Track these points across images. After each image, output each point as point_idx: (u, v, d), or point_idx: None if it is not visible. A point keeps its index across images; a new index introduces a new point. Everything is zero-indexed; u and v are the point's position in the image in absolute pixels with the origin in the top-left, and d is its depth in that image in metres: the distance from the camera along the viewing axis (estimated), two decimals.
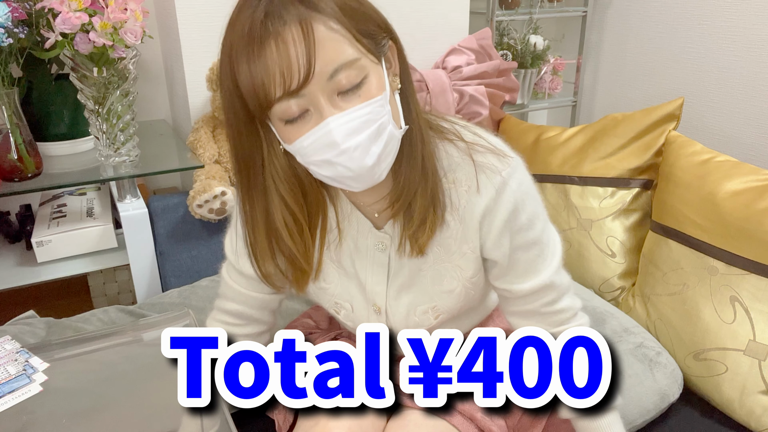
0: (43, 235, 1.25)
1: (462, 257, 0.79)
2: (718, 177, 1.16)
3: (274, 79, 0.61)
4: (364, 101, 0.64)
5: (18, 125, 1.14)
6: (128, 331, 1.03)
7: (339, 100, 0.64)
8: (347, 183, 0.68)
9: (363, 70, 0.64)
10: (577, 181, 1.42)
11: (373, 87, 0.65)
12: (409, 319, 0.83)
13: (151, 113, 1.63)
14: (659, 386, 1.08)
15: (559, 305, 0.81)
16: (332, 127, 0.63)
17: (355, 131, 0.64)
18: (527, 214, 0.76)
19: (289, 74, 0.61)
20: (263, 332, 0.92)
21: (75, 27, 1.04)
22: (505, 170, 0.74)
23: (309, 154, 0.66)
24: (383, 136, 0.66)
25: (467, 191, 0.74)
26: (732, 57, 1.56)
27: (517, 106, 1.86)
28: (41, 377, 0.79)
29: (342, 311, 0.86)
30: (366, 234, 0.80)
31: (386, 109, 0.66)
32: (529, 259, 0.78)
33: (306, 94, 0.62)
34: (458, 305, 0.83)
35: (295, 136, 0.65)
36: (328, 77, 0.62)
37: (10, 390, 0.74)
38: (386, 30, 0.68)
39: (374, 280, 0.82)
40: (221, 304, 0.90)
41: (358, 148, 0.64)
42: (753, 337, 1.06)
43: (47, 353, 0.85)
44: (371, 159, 0.65)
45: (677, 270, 1.19)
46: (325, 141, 0.64)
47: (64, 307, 1.53)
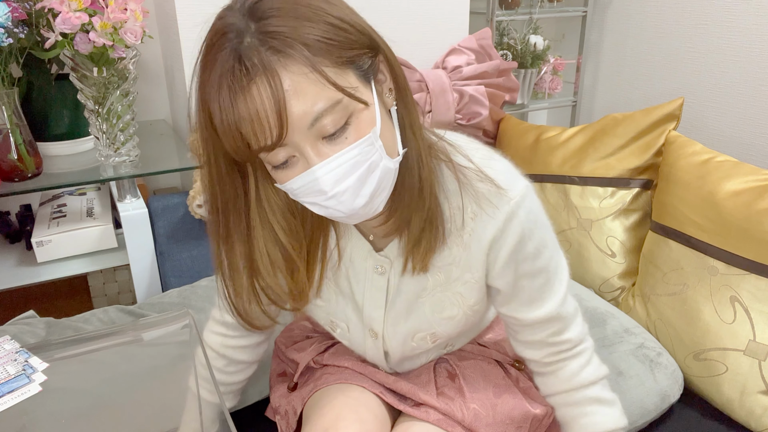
0: (43, 235, 1.25)
1: (464, 285, 0.76)
2: (718, 177, 1.16)
3: (249, 133, 0.57)
4: (352, 143, 0.60)
5: (18, 125, 1.14)
6: (128, 331, 1.03)
7: (324, 145, 0.59)
8: (341, 219, 0.65)
9: (346, 110, 0.59)
10: (577, 181, 1.42)
11: (361, 125, 0.60)
12: (406, 344, 0.81)
13: (151, 113, 1.63)
14: (660, 387, 1.08)
15: (566, 335, 0.79)
16: (318, 175, 0.60)
17: (343, 176, 0.60)
18: (534, 243, 0.73)
19: (262, 131, 0.57)
20: (261, 342, 0.90)
21: (75, 27, 1.04)
22: (514, 199, 0.70)
23: (299, 195, 0.63)
24: (375, 174, 0.62)
25: (473, 218, 0.71)
26: (732, 57, 1.56)
27: (517, 106, 1.86)
28: (41, 377, 0.79)
29: (337, 330, 0.84)
30: (365, 256, 0.77)
31: (377, 145, 0.61)
32: (534, 287, 0.76)
33: (288, 143, 0.59)
34: (457, 330, 0.81)
35: (284, 179, 0.62)
36: (309, 126, 0.57)
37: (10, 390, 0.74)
38: (371, 47, 0.62)
39: (372, 305, 0.79)
40: (218, 316, 0.87)
41: (346, 191, 0.61)
42: (753, 337, 1.06)
43: (47, 353, 0.84)
44: (362, 200, 0.62)
45: (677, 270, 1.19)
46: (313, 188, 0.61)
47: (64, 307, 1.53)
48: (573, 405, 0.81)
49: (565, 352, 0.80)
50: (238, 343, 0.88)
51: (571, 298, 0.80)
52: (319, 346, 0.93)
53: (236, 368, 0.90)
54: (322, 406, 0.82)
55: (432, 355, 0.88)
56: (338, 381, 0.85)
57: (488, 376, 0.86)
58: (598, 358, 0.82)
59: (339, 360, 0.88)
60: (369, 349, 0.84)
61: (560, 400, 0.83)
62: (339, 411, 0.79)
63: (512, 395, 0.84)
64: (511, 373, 0.89)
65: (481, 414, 0.80)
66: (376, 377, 0.86)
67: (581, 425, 0.81)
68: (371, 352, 0.85)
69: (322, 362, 0.90)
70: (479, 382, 0.85)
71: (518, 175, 0.73)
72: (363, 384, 0.84)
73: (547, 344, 0.79)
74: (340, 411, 0.79)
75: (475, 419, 0.80)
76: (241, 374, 0.91)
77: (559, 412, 0.84)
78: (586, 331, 0.82)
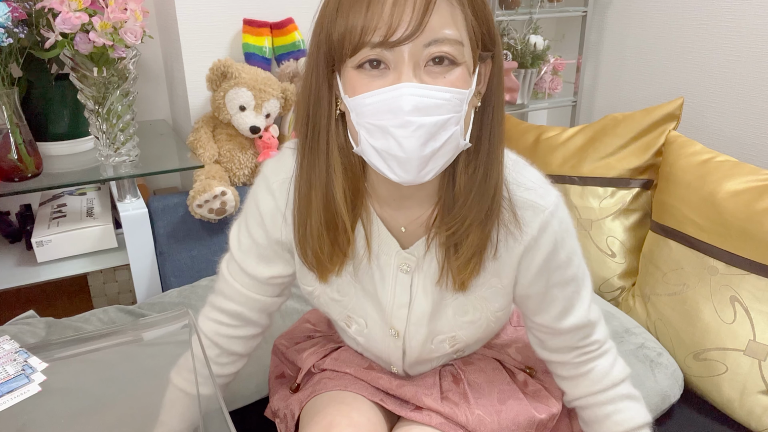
0: (43, 235, 1.25)
1: (489, 289, 0.76)
2: (718, 177, 1.16)
3: (379, 24, 0.57)
4: (448, 86, 0.60)
5: (18, 125, 1.14)
6: (128, 331, 1.03)
7: (423, 73, 0.60)
8: (391, 165, 0.62)
9: (461, 56, 0.60)
10: (577, 181, 1.42)
11: (461, 77, 0.61)
12: (425, 346, 0.81)
13: (151, 113, 1.63)
14: (660, 387, 1.08)
15: (593, 338, 0.80)
16: (404, 92, 0.58)
17: (424, 110, 0.59)
18: (566, 252, 0.74)
19: (398, 23, 0.57)
20: (257, 335, 0.88)
21: (75, 27, 1.04)
22: (548, 209, 0.71)
23: (367, 114, 0.61)
24: (448, 131, 0.61)
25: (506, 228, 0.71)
26: (732, 57, 1.56)
27: (517, 106, 1.86)
28: (40, 377, 0.78)
29: (354, 325, 0.83)
30: (391, 253, 0.76)
31: (463, 107, 0.61)
32: (566, 296, 0.76)
33: (397, 51, 0.58)
34: (477, 336, 0.81)
35: (363, 88, 0.61)
36: (426, 43, 0.58)
37: (9, 390, 0.74)
38: (494, 44, 0.65)
39: (396, 303, 0.78)
40: (218, 302, 0.85)
41: (421, 128, 0.59)
42: (753, 337, 1.06)
43: (46, 353, 0.84)
44: (428, 150, 0.60)
45: (677, 270, 1.19)
46: (390, 105, 0.59)
47: (64, 307, 1.53)
48: (606, 403, 0.81)
49: (593, 352, 0.81)
50: (235, 333, 0.85)
51: (594, 302, 0.81)
52: (320, 349, 0.92)
53: (228, 359, 0.87)
54: (315, 413, 0.81)
55: (443, 359, 0.87)
56: (337, 387, 0.84)
57: (493, 381, 0.85)
58: (621, 358, 0.83)
59: (340, 366, 0.87)
60: (387, 348, 0.83)
61: (593, 400, 0.82)
62: (332, 418, 0.78)
63: (517, 401, 0.83)
64: (518, 378, 0.88)
65: (486, 420, 0.79)
66: (379, 383, 0.84)
67: (615, 422, 0.81)
68: (389, 351, 0.83)
69: (322, 367, 0.89)
70: (483, 387, 0.84)
71: (549, 186, 0.73)
72: (362, 392, 0.83)
73: (576, 348, 0.80)
74: (333, 418, 0.78)
75: (479, 424, 0.79)
76: (232, 366, 0.88)
77: (590, 412, 0.83)
78: (608, 332, 0.83)
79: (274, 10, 1.43)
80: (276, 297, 0.84)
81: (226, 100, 1.34)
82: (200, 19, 1.36)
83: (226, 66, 1.32)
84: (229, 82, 1.33)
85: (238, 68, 1.33)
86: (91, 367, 0.89)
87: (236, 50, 1.43)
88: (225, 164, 1.40)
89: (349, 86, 0.62)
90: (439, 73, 0.60)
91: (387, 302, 0.78)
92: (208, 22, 1.37)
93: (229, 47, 1.43)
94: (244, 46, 1.40)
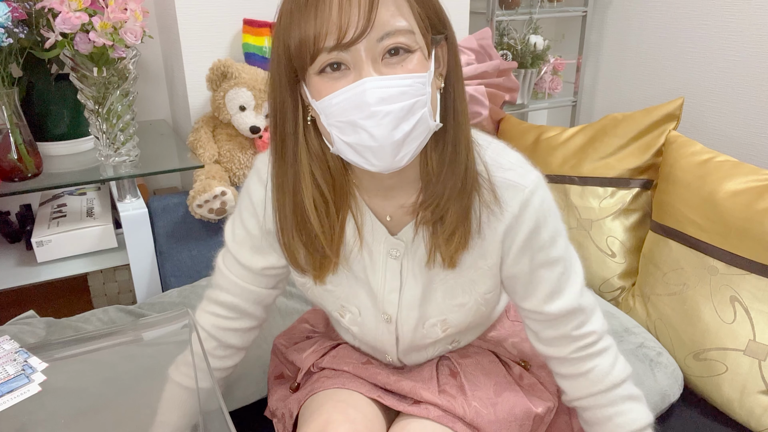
0: (43, 235, 1.25)
1: (476, 271, 0.77)
2: (718, 177, 1.16)
3: (330, 28, 0.60)
4: (407, 73, 0.62)
5: (18, 125, 1.14)
6: (128, 331, 1.03)
7: (382, 66, 0.62)
8: (366, 156, 0.65)
9: (414, 43, 0.63)
10: (577, 181, 1.42)
11: (418, 63, 0.63)
12: (417, 331, 0.82)
13: (151, 113, 1.63)
14: (660, 387, 1.08)
15: (587, 328, 0.79)
16: (367, 87, 0.61)
17: (389, 99, 0.61)
18: (549, 231, 0.75)
19: (347, 25, 0.60)
20: (253, 328, 0.90)
21: (75, 27, 1.04)
22: (528, 187, 0.73)
23: (335, 113, 0.64)
24: (416, 115, 0.63)
25: (487, 207, 0.73)
26: (732, 57, 1.56)
27: (517, 106, 1.86)
28: (40, 377, 0.78)
29: (347, 315, 0.84)
30: (381, 240, 0.78)
31: (426, 89, 0.64)
32: (554, 278, 0.77)
33: (353, 50, 0.61)
34: (467, 320, 0.82)
35: (327, 91, 0.63)
36: (379, 38, 0.61)
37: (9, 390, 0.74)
38: (444, 26, 0.67)
39: (387, 288, 0.79)
40: (214, 295, 0.87)
41: (388, 115, 0.61)
42: (753, 337, 1.06)
43: (46, 353, 0.84)
44: (399, 134, 0.63)
45: (677, 270, 1.19)
46: (356, 101, 0.62)
47: (64, 307, 1.53)
48: (607, 405, 0.81)
49: (591, 347, 0.80)
50: (231, 325, 0.86)
51: (588, 291, 0.80)
52: (319, 348, 0.92)
53: (225, 352, 0.88)
54: (312, 411, 0.82)
55: (438, 348, 0.88)
56: (334, 385, 0.84)
57: (489, 373, 0.86)
58: (622, 356, 0.83)
59: (338, 364, 0.88)
60: (381, 334, 0.84)
61: (593, 401, 0.81)
62: (328, 415, 0.79)
63: (513, 393, 0.84)
64: (514, 371, 0.89)
65: (483, 412, 0.80)
66: (377, 379, 0.85)
67: (617, 424, 0.80)
68: (383, 337, 0.84)
69: (321, 366, 0.90)
70: (480, 379, 0.85)
71: (530, 166, 0.76)
72: (360, 389, 0.84)
73: (571, 338, 0.79)
74: (330, 415, 0.79)
75: (476, 416, 0.80)
76: (229, 360, 0.89)
77: (591, 413, 0.82)
78: (606, 326, 0.82)
79: (274, 10, 1.42)
80: (271, 289, 0.87)
81: (226, 100, 1.34)
82: (200, 19, 1.36)
83: (226, 66, 1.32)
84: (229, 82, 1.33)
85: (238, 68, 1.33)
86: (91, 367, 0.89)
87: (236, 50, 1.43)
88: (225, 164, 1.40)
89: (315, 91, 0.65)
90: (397, 63, 0.62)
91: (378, 288, 0.80)
92: (208, 22, 1.37)
93: (229, 47, 1.43)
94: (244, 46, 1.40)
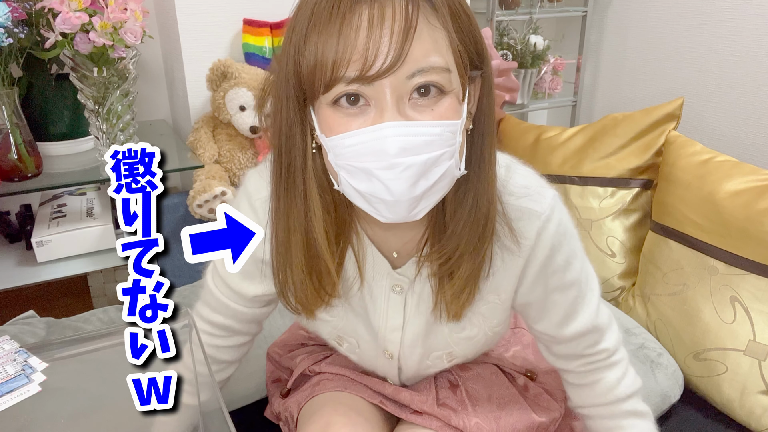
0: (43, 235, 1.25)
1: (486, 305, 0.73)
2: (718, 177, 1.16)
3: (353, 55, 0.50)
4: (437, 119, 0.53)
5: (18, 125, 1.14)
6: None
7: (408, 107, 0.53)
8: (378, 208, 0.57)
9: (449, 84, 0.53)
10: (577, 181, 1.42)
11: (450, 107, 0.54)
12: (422, 363, 0.79)
13: (151, 113, 1.63)
14: (660, 387, 1.08)
15: (601, 346, 0.76)
16: (388, 133, 0.52)
17: (413, 149, 0.52)
18: (564, 254, 0.69)
19: (375, 55, 0.50)
20: (246, 342, 0.86)
21: (75, 27, 1.04)
22: (544, 213, 0.67)
23: (348, 156, 0.54)
24: (441, 167, 0.54)
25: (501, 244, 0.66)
26: (732, 57, 1.56)
27: (517, 106, 1.86)
28: (40, 377, 0.78)
29: (345, 344, 0.80)
30: (383, 274, 0.71)
31: (457, 139, 0.55)
32: (568, 301, 0.72)
33: (377, 86, 0.51)
34: (475, 350, 0.79)
35: (340, 128, 0.54)
36: (410, 75, 0.51)
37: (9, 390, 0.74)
38: (482, 61, 0.58)
39: (389, 327, 0.74)
40: (205, 313, 0.80)
41: (409, 168, 0.52)
42: (753, 337, 1.06)
43: (46, 353, 0.84)
44: (419, 190, 0.54)
45: (677, 270, 1.19)
46: (373, 147, 0.52)
47: (64, 307, 1.53)
48: (608, 418, 0.79)
49: (601, 362, 0.77)
50: (223, 343, 0.83)
51: (604, 306, 0.76)
52: (315, 355, 0.91)
53: (217, 367, 0.85)
54: (312, 413, 0.80)
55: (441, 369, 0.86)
56: (335, 389, 0.83)
57: (492, 386, 0.83)
58: (633, 370, 0.79)
59: (337, 369, 0.86)
60: (382, 366, 0.82)
61: (595, 412, 0.80)
62: (329, 418, 0.77)
63: (517, 406, 0.82)
64: (518, 382, 0.86)
65: (484, 428, 0.78)
66: (376, 387, 0.84)
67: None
68: (384, 369, 0.82)
69: (318, 371, 0.88)
70: (482, 392, 0.82)
71: (543, 184, 0.70)
72: (362, 394, 0.82)
73: (582, 356, 0.76)
74: (331, 417, 0.77)
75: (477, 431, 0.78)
76: (222, 374, 0.87)
77: (592, 423, 0.81)
78: (621, 339, 0.78)
79: (274, 10, 1.43)
80: (264, 307, 0.81)
81: (226, 100, 1.34)
82: (200, 19, 1.36)
83: (226, 66, 1.32)
84: (229, 82, 1.33)
85: (238, 68, 1.33)
86: (91, 367, 0.89)
87: (236, 50, 1.43)
88: (225, 164, 1.40)
89: (325, 125, 0.56)
90: (426, 106, 0.53)
91: (379, 326, 0.75)
92: (208, 22, 1.37)
93: (229, 47, 1.43)
94: (244, 46, 1.40)
